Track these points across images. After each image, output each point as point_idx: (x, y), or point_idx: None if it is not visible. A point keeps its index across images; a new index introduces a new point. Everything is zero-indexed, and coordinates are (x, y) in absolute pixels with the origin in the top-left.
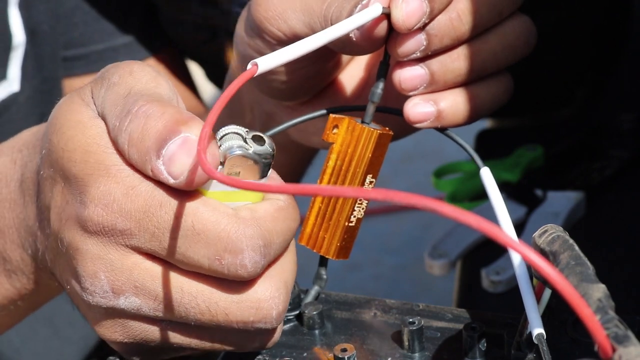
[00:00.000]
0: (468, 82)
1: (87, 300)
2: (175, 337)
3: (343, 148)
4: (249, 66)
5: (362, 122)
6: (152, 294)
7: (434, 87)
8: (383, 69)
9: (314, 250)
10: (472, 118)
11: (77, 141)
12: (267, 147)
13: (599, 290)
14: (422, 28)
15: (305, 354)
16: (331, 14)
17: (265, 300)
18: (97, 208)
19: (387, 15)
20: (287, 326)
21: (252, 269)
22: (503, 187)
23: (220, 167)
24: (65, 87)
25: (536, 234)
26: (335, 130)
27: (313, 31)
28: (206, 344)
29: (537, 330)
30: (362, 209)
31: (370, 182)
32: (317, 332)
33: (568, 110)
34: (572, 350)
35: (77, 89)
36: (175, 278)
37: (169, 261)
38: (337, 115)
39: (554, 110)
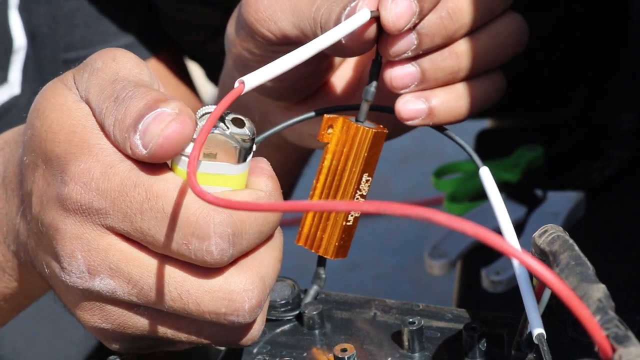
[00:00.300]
0: (460, 80)
1: (65, 280)
2: (151, 325)
3: (338, 148)
4: (236, 84)
5: (357, 120)
6: (125, 276)
7: (425, 85)
8: (375, 68)
9: (312, 251)
10: (464, 115)
11: (62, 123)
12: (246, 130)
13: (599, 290)
14: (413, 28)
15: (305, 354)
16: (320, 16)
17: (238, 293)
18: (76, 186)
19: (376, 18)
20: (287, 326)
21: (218, 256)
22: (503, 187)
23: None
24: None
25: (536, 234)
26: (330, 130)
27: (302, 33)
28: (182, 335)
29: (538, 330)
30: None
31: (367, 181)
32: (317, 332)
33: (568, 110)
34: (572, 350)
35: (58, 76)
36: (149, 261)
37: (142, 244)
38: (331, 115)
39: (554, 110)
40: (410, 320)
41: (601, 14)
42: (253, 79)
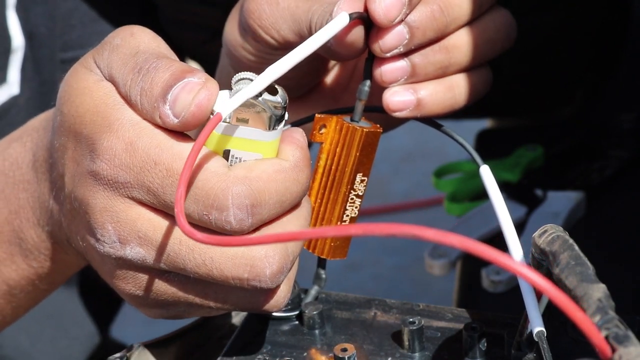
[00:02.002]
0: (449, 74)
1: (100, 250)
2: (180, 291)
3: (332, 147)
4: (212, 115)
5: (352, 120)
6: (154, 244)
7: (415, 79)
8: (369, 67)
9: (309, 251)
10: (451, 107)
11: (86, 105)
12: (279, 97)
13: (599, 290)
14: (403, 20)
15: (305, 354)
16: (315, 21)
17: (259, 259)
18: (102, 162)
19: (361, 19)
20: (287, 326)
21: (237, 226)
22: (503, 187)
23: (231, 111)
24: None
25: (536, 234)
26: (322, 130)
27: (302, 38)
28: (210, 302)
29: (538, 328)
30: (356, 207)
31: (362, 181)
32: (317, 332)
33: (568, 110)
34: (573, 350)
35: (79, 60)
36: (175, 230)
37: (167, 212)
38: (322, 115)
39: (554, 110)
40: (411, 320)
41: (601, 14)
42: (228, 107)
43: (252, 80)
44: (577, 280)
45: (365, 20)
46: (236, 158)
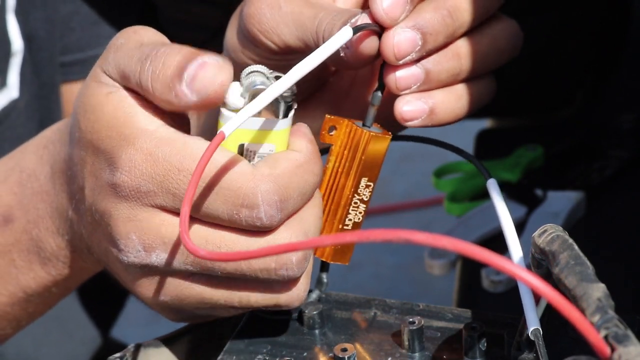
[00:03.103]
0: (459, 81)
1: (123, 261)
2: (205, 292)
3: (341, 150)
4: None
5: (363, 125)
6: (180, 248)
7: (428, 85)
8: (383, 73)
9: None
10: (461, 116)
11: (100, 121)
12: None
13: (599, 289)
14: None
15: (305, 354)
16: (323, 30)
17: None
18: (122, 174)
19: (375, 31)
20: (287, 326)
21: (267, 222)
22: (503, 187)
23: (243, 100)
24: (63, 93)
25: (536, 233)
26: (332, 132)
27: (305, 45)
28: (234, 301)
29: (533, 326)
30: (360, 213)
31: (367, 186)
32: (317, 332)
33: (568, 110)
34: (573, 350)
35: (90, 73)
36: (200, 230)
37: (193, 215)
38: (333, 116)
39: (554, 110)
40: (410, 320)
41: (601, 15)
42: (231, 126)
43: (262, 72)
44: (576, 279)
45: (375, 31)
46: (251, 151)
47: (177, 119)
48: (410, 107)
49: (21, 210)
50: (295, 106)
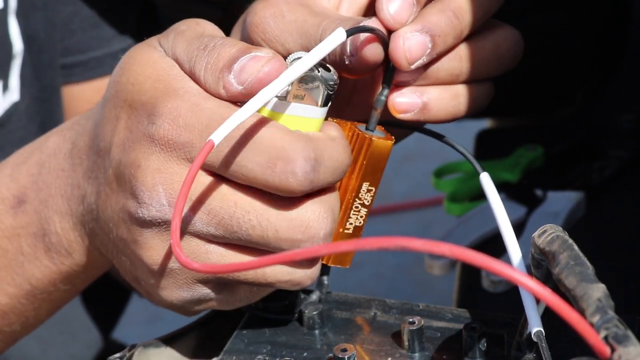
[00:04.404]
0: (457, 83)
1: (142, 216)
2: (224, 258)
3: None
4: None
5: (366, 128)
6: (206, 207)
7: (424, 81)
8: (388, 76)
9: None
10: (454, 116)
11: (148, 74)
12: (333, 74)
13: (599, 290)
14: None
15: (305, 354)
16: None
17: (315, 220)
18: (164, 122)
19: (378, 36)
20: (287, 326)
21: (302, 178)
22: (503, 187)
23: (288, 87)
24: (64, 95)
25: (535, 234)
26: None
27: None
28: (248, 276)
29: (536, 328)
30: (361, 217)
31: (369, 191)
32: (317, 332)
33: (568, 110)
34: (573, 350)
35: (143, 41)
36: (231, 192)
37: (225, 176)
38: (335, 120)
39: (554, 110)
40: (410, 320)
41: (602, 14)
42: (220, 133)
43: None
44: (576, 280)
45: (380, 38)
46: None
47: None
48: (404, 99)
49: (35, 191)
50: (334, 96)
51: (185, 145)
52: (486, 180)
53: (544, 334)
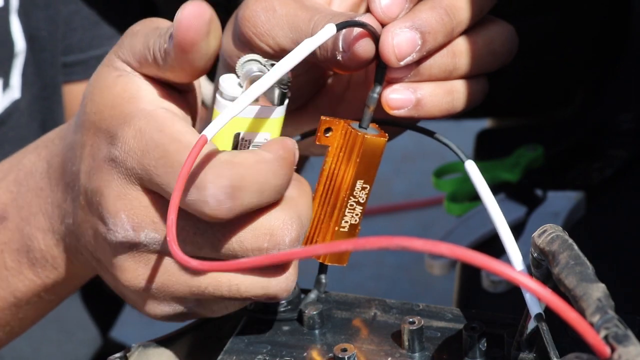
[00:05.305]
0: (451, 79)
1: (112, 240)
2: (193, 280)
3: (337, 152)
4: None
5: (360, 126)
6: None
7: (417, 78)
8: (380, 74)
9: None
10: (448, 112)
11: (105, 102)
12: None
13: (599, 289)
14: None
15: (305, 354)
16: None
17: (279, 227)
18: (116, 150)
19: (371, 33)
20: (287, 326)
21: (215, 206)
22: (503, 187)
23: (241, 89)
24: (65, 93)
25: (535, 233)
26: (328, 134)
27: None
28: (223, 290)
29: (536, 310)
30: (356, 214)
31: (363, 188)
32: (317, 332)
33: (568, 110)
34: (573, 350)
35: (103, 60)
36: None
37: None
38: (328, 118)
39: (554, 110)
40: (410, 320)
41: (601, 14)
42: (213, 129)
43: (258, 60)
44: (576, 279)
45: (372, 33)
46: (246, 141)
47: (186, 106)
48: (397, 96)
49: (15, 208)
50: (289, 94)
51: (132, 169)
52: (471, 168)
53: (544, 317)
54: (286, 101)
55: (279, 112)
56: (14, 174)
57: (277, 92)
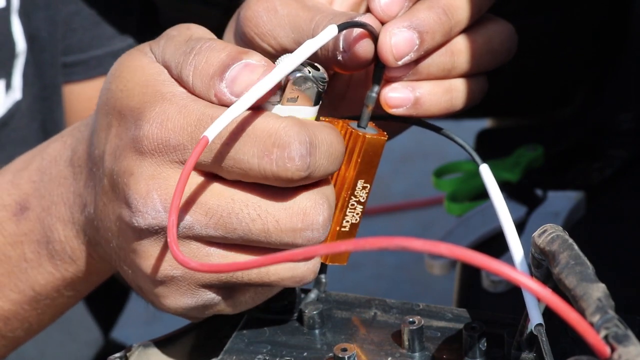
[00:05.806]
0: (450, 78)
1: (138, 224)
2: (225, 261)
3: None
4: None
5: (358, 126)
6: (203, 208)
7: (416, 76)
8: (378, 73)
9: None
10: (447, 110)
11: (136, 80)
12: (322, 72)
13: (599, 289)
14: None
15: (305, 354)
16: (320, 32)
17: (312, 207)
18: (152, 127)
19: (371, 33)
20: (287, 326)
21: (299, 162)
22: (503, 187)
23: (279, 92)
24: (65, 94)
25: (535, 233)
26: None
27: None
28: (252, 275)
29: (536, 321)
30: (357, 214)
31: (364, 188)
32: (317, 332)
33: (568, 110)
34: (573, 350)
35: (135, 47)
36: (225, 189)
37: (218, 174)
38: (327, 118)
39: (554, 110)
40: (410, 319)
41: (602, 14)
42: (214, 129)
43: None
44: (576, 279)
45: (372, 34)
46: None
47: None
48: (396, 94)
49: (37, 198)
50: (324, 93)
51: (176, 148)
52: (486, 172)
53: (544, 327)
54: (320, 101)
55: (314, 111)
56: (38, 162)
57: (316, 91)
